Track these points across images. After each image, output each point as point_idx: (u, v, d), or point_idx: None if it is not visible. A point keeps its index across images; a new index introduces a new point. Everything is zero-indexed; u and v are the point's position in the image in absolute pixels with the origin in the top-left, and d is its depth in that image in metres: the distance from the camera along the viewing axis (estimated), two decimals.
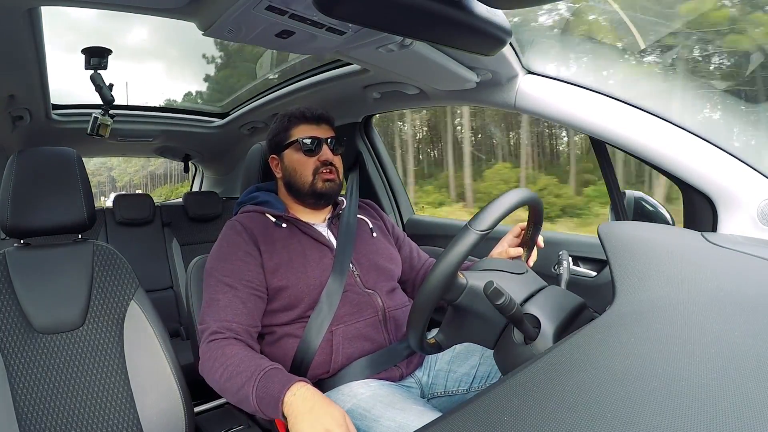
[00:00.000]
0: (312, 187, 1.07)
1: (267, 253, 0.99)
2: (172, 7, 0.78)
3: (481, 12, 0.68)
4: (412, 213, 1.95)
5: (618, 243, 0.69)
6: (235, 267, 0.96)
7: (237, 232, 1.01)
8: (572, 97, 1.04)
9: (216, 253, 1.01)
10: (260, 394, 0.78)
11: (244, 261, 0.97)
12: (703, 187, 0.92)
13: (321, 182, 1.06)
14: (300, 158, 1.07)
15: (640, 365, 0.44)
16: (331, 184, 1.07)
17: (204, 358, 0.89)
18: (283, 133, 1.10)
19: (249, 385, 0.80)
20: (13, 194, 1.01)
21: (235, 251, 0.98)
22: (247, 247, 0.99)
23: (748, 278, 0.62)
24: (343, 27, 0.81)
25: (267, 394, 0.77)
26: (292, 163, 1.09)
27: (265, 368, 0.81)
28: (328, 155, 1.07)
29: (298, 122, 1.09)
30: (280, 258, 0.99)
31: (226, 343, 0.88)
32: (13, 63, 1.13)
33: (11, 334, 0.96)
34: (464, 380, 1.00)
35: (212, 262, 1.00)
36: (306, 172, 1.07)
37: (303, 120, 1.09)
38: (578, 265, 1.27)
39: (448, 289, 0.71)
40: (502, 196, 0.73)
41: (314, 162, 1.07)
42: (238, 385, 0.81)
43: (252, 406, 0.79)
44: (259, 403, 0.78)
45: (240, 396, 0.81)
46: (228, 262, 0.97)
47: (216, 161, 2.74)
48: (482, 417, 0.42)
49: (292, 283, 0.97)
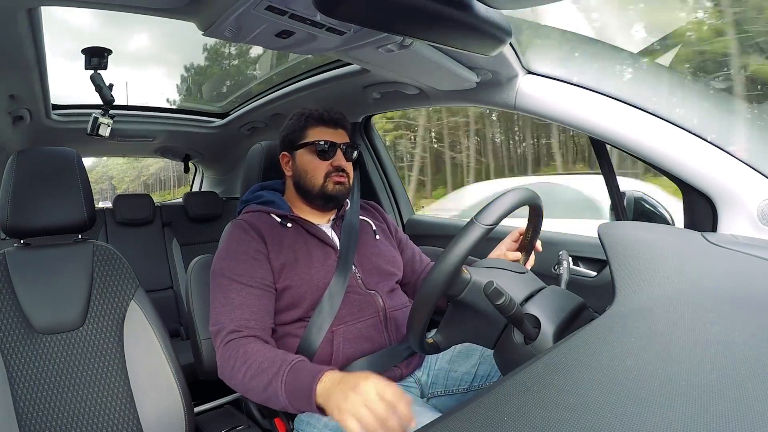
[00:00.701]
0: (322, 189, 1.06)
1: (274, 252, 0.99)
2: (172, 7, 0.78)
3: (481, 12, 0.68)
4: (412, 213, 1.95)
5: (618, 243, 0.69)
6: (247, 265, 0.96)
7: (245, 231, 1.01)
8: (572, 97, 1.04)
9: (224, 253, 1.00)
10: (290, 388, 0.77)
11: (255, 259, 0.97)
12: (703, 187, 0.92)
13: (332, 184, 1.06)
14: (313, 160, 1.07)
15: (640, 365, 0.44)
16: (341, 187, 1.07)
17: (223, 359, 0.88)
18: (299, 132, 1.09)
19: (277, 381, 0.78)
20: (13, 194, 1.01)
21: (245, 249, 0.98)
22: (257, 245, 0.99)
23: (748, 278, 0.62)
24: (343, 27, 0.81)
25: (297, 387, 0.76)
26: (304, 164, 1.08)
27: (291, 362, 0.80)
28: (342, 161, 1.07)
29: (315, 123, 1.08)
30: (285, 258, 0.99)
31: (245, 342, 0.87)
32: (13, 63, 1.13)
33: (11, 334, 0.96)
34: (464, 379, 1.00)
35: (221, 262, 0.99)
36: (318, 175, 1.06)
37: (321, 122, 1.08)
38: (578, 265, 1.27)
39: (452, 283, 0.71)
40: (508, 193, 0.73)
41: (327, 166, 1.06)
42: (264, 383, 0.80)
43: (282, 402, 0.78)
44: (289, 398, 0.77)
45: (268, 393, 0.80)
46: (239, 261, 0.97)
47: (216, 161, 2.74)
48: (482, 417, 0.42)
49: (296, 283, 0.97)
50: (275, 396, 0.79)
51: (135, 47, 62.99)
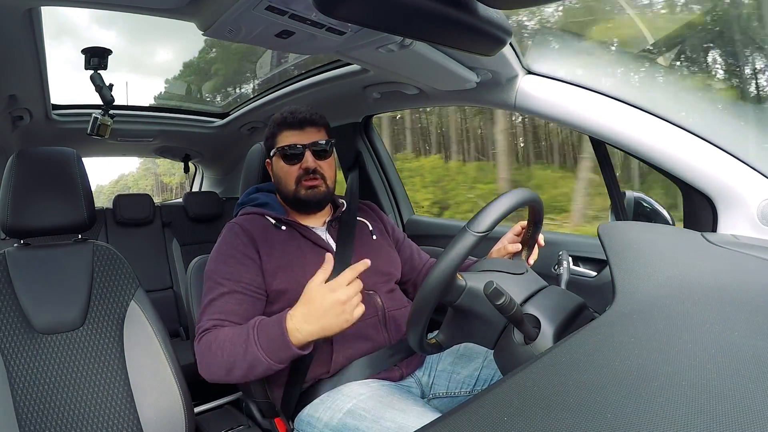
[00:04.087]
0: (295, 195, 1.05)
1: (266, 255, 0.99)
2: (172, 7, 0.78)
3: (481, 12, 0.67)
4: (412, 213, 1.95)
5: (618, 243, 0.69)
6: (233, 270, 0.96)
7: (235, 234, 1.01)
8: (572, 97, 1.04)
9: (215, 255, 1.01)
10: (264, 344, 0.79)
11: (242, 263, 0.97)
12: (703, 187, 0.92)
13: (304, 190, 1.04)
14: (283, 166, 1.06)
15: (640, 365, 0.44)
16: (314, 191, 1.05)
17: (200, 355, 0.89)
18: (272, 139, 1.09)
19: (251, 346, 0.80)
20: (13, 194, 1.01)
21: (233, 253, 0.98)
22: (246, 249, 0.99)
23: (748, 278, 0.62)
24: (343, 27, 0.81)
25: (270, 339, 0.79)
26: (277, 170, 1.09)
27: (255, 324, 0.83)
28: (310, 163, 1.04)
29: (280, 128, 1.07)
30: (279, 261, 0.99)
31: (214, 331, 0.89)
32: (13, 63, 1.13)
33: (11, 334, 0.96)
34: (467, 382, 1.00)
35: (210, 264, 1.00)
36: (289, 180, 1.05)
37: (284, 125, 1.06)
38: (578, 265, 1.27)
39: (447, 291, 0.71)
40: (500, 197, 0.73)
41: (297, 170, 1.04)
42: (241, 354, 0.82)
43: (264, 362, 0.79)
44: (269, 354, 0.79)
45: (249, 361, 0.81)
46: (226, 265, 0.97)
47: (216, 161, 2.74)
48: (482, 417, 0.42)
49: (292, 287, 0.97)
50: (257, 360, 0.80)
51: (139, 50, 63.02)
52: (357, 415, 0.85)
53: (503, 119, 8.60)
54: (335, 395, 0.91)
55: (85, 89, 1.55)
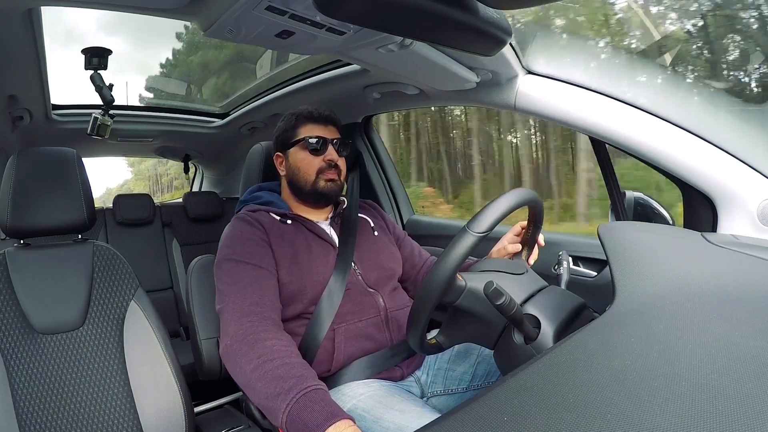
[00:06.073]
0: (314, 186, 1.07)
1: (276, 244, 1.00)
2: (172, 7, 0.78)
3: (481, 12, 0.67)
4: (412, 213, 1.95)
5: (618, 243, 0.69)
6: (253, 251, 0.97)
7: (248, 222, 1.03)
8: (572, 97, 1.04)
9: (229, 241, 1.00)
10: (294, 416, 0.70)
11: (261, 246, 0.98)
12: (703, 187, 0.92)
13: (323, 182, 1.07)
14: (305, 157, 1.08)
15: (640, 365, 0.44)
16: (333, 184, 1.08)
17: (234, 339, 0.83)
18: (291, 131, 1.11)
19: (283, 401, 0.72)
20: (13, 194, 1.01)
21: (250, 237, 0.99)
22: (261, 234, 1.00)
23: (748, 278, 0.62)
24: (343, 27, 0.81)
25: (302, 420, 0.69)
26: (296, 161, 1.09)
27: (307, 388, 0.73)
28: (333, 156, 1.08)
29: (305, 121, 1.10)
30: (286, 252, 1.00)
31: (261, 329, 0.84)
32: (13, 63, 1.13)
33: (11, 334, 0.96)
34: (464, 378, 1.00)
35: (226, 250, 0.99)
36: (310, 171, 1.08)
37: (311, 119, 1.10)
38: (578, 265, 1.27)
39: (447, 291, 0.71)
40: (500, 197, 0.73)
41: (319, 162, 1.07)
42: (270, 393, 0.74)
43: (279, 422, 0.72)
44: (288, 426, 0.71)
45: (268, 405, 0.75)
46: (245, 246, 0.97)
47: (216, 161, 2.74)
48: (482, 417, 0.42)
49: (297, 278, 0.97)
50: (274, 412, 0.73)
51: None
52: (356, 415, 0.85)
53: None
54: (335, 395, 0.91)
55: (85, 89, 1.55)
